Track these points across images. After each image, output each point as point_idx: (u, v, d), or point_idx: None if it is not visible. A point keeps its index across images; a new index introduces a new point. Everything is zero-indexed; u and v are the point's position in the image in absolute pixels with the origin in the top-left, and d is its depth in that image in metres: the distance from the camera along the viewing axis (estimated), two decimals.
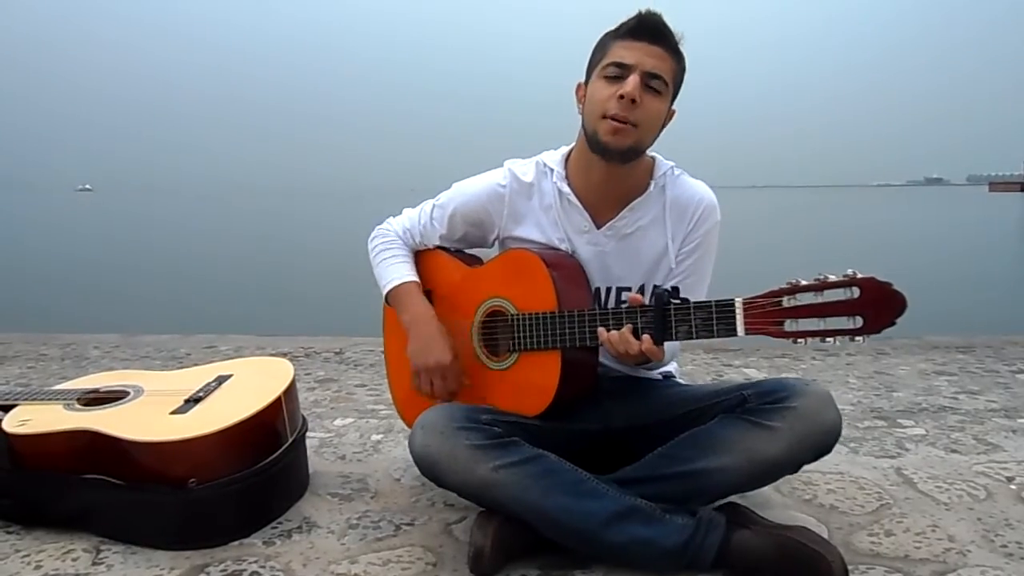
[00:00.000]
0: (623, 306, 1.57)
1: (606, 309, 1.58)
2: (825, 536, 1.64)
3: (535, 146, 1.88)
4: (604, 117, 1.62)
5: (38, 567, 1.61)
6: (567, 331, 1.61)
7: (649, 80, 1.60)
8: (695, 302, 1.47)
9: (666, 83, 1.63)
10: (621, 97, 1.58)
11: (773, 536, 1.51)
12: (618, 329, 1.53)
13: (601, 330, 1.55)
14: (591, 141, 1.67)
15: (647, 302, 1.54)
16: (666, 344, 1.72)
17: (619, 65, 1.60)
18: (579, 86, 1.73)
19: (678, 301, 1.48)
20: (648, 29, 1.60)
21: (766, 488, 1.89)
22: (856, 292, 1.32)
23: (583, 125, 1.70)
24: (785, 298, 1.37)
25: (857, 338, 1.33)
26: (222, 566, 1.62)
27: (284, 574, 1.59)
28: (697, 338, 1.47)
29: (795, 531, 1.53)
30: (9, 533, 1.76)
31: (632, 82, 1.58)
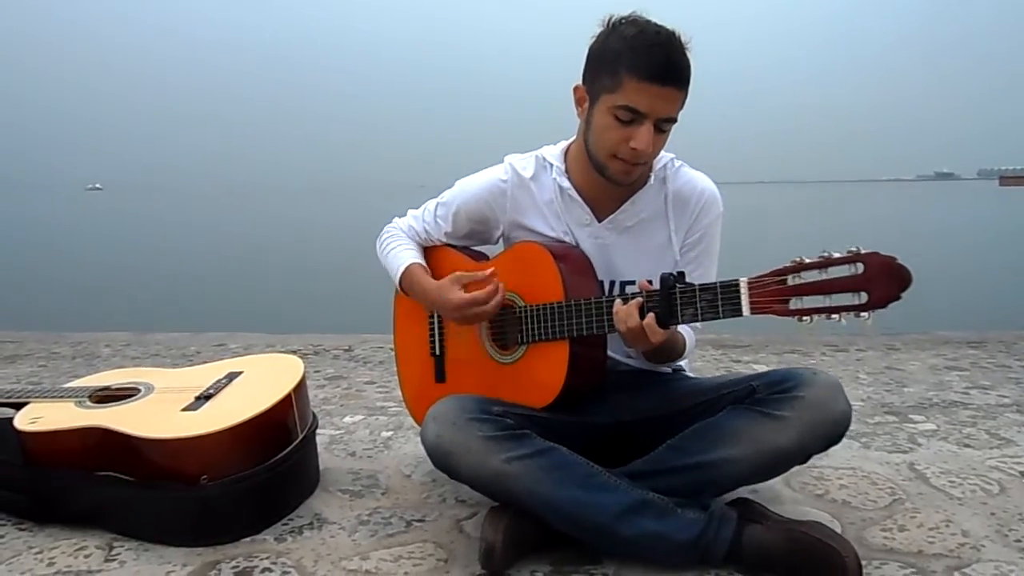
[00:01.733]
0: (629, 292, 1.57)
1: (612, 296, 1.58)
2: (838, 531, 1.63)
3: (538, 140, 1.87)
4: (614, 156, 1.62)
5: (51, 563, 1.62)
6: (574, 320, 1.61)
7: (661, 124, 1.58)
8: (700, 284, 1.46)
9: (675, 119, 1.61)
10: (633, 149, 1.58)
11: (785, 531, 1.51)
12: None
13: (618, 302, 1.54)
14: (596, 165, 1.67)
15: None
16: (688, 341, 1.70)
17: (632, 111, 1.55)
18: (577, 88, 1.67)
19: (683, 284, 1.48)
20: (670, 74, 1.55)
21: (778, 483, 1.89)
22: (860, 268, 1.31)
23: (586, 140, 1.67)
24: (790, 276, 1.36)
25: (863, 314, 1.31)
26: (234, 563, 1.62)
27: (295, 571, 1.59)
28: (703, 320, 1.47)
29: (808, 526, 1.52)
30: (22, 530, 1.77)
31: (645, 136, 1.56)
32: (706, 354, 3.58)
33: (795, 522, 1.56)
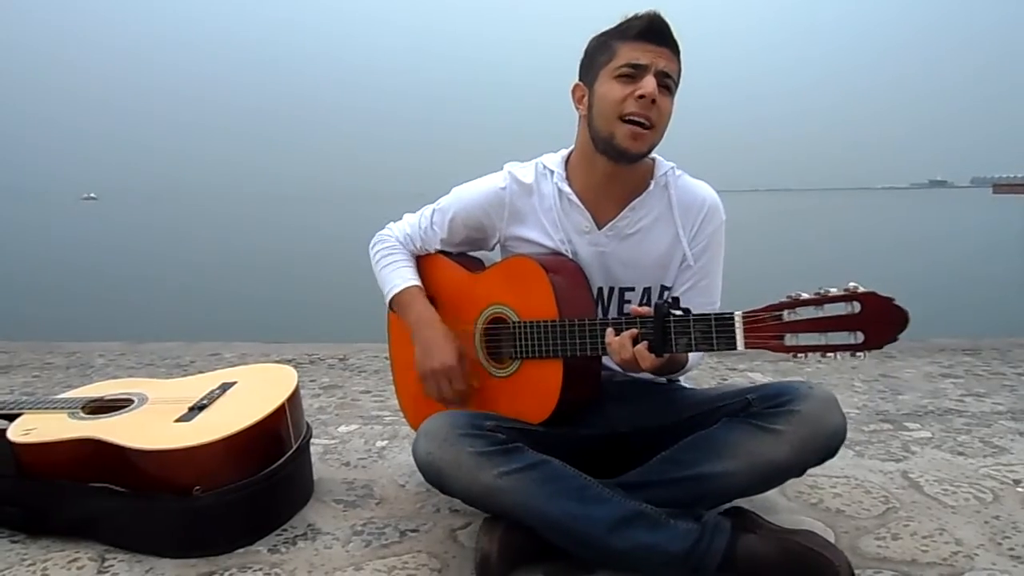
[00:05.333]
0: (624, 317, 1.56)
1: (607, 319, 1.57)
2: (831, 540, 1.63)
3: (539, 148, 1.88)
4: (622, 119, 1.61)
5: (44, 575, 1.62)
6: (568, 341, 1.61)
7: (663, 79, 1.61)
8: (695, 315, 1.45)
9: (676, 83, 1.65)
10: (640, 97, 1.58)
11: (779, 540, 1.51)
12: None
13: (610, 331, 1.54)
14: (603, 143, 1.66)
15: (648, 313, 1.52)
16: (692, 355, 1.70)
17: (634, 66, 1.59)
18: (577, 87, 1.72)
19: (679, 313, 1.46)
20: (658, 32, 1.60)
21: (772, 492, 1.89)
22: (857, 307, 1.29)
23: (590, 126, 1.68)
24: (785, 312, 1.34)
25: (858, 354, 1.30)
26: (227, 574, 1.61)
27: None
28: (697, 350, 1.46)
29: (801, 535, 1.52)
30: (15, 542, 1.76)
31: (650, 82, 1.58)
32: (701, 361, 3.57)
33: (788, 531, 1.56)
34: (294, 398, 1.95)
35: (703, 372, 3.40)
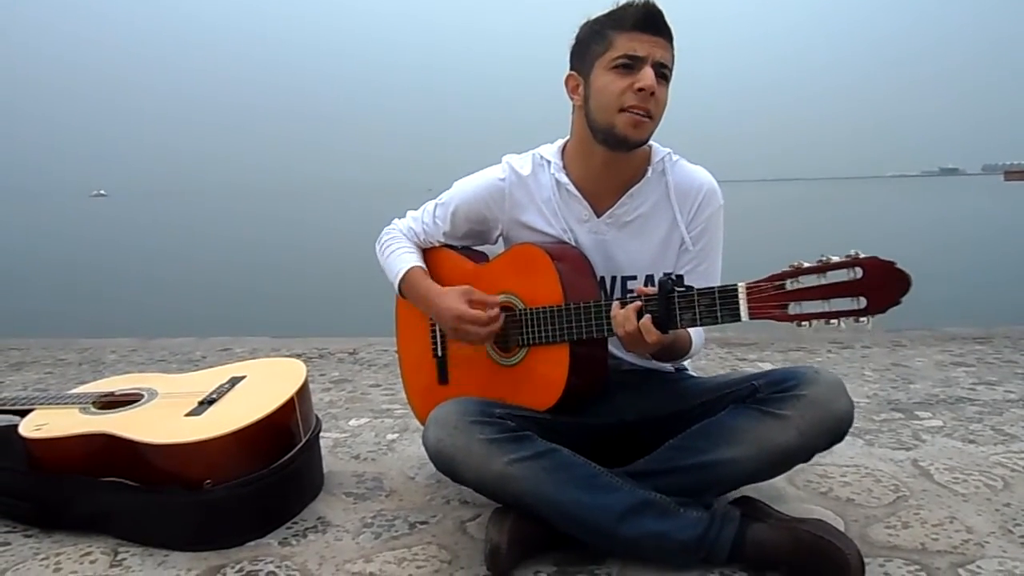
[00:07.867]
0: (629, 296, 1.57)
1: (611, 300, 1.58)
2: (841, 529, 1.63)
3: (544, 141, 1.88)
4: (622, 110, 1.62)
5: (57, 570, 1.63)
6: (574, 324, 1.61)
7: (659, 70, 1.61)
8: (698, 288, 1.46)
9: (671, 71, 1.65)
10: (640, 90, 1.59)
11: (789, 529, 1.51)
12: None
13: (616, 304, 1.54)
14: (602, 133, 1.66)
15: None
16: (695, 340, 1.70)
17: (631, 57, 1.60)
18: (570, 76, 1.72)
19: (682, 288, 1.47)
20: (653, 21, 1.60)
21: (781, 481, 1.89)
22: (859, 272, 1.30)
23: (588, 117, 1.69)
24: (788, 281, 1.35)
25: (862, 319, 1.30)
26: (238, 567, 1.62)
27: (300, 574, 1.59)
28: (702, 324, 1.46)
29: (811, 524, 1.52)
30: (28, 536, 1.78)
31: (649, 74, 1.59)
32: (711, 352, 3.57)
33: (798, 520, 1.55)
34: (303, 391, 1.96)
35: (712, 363, 3.39)
